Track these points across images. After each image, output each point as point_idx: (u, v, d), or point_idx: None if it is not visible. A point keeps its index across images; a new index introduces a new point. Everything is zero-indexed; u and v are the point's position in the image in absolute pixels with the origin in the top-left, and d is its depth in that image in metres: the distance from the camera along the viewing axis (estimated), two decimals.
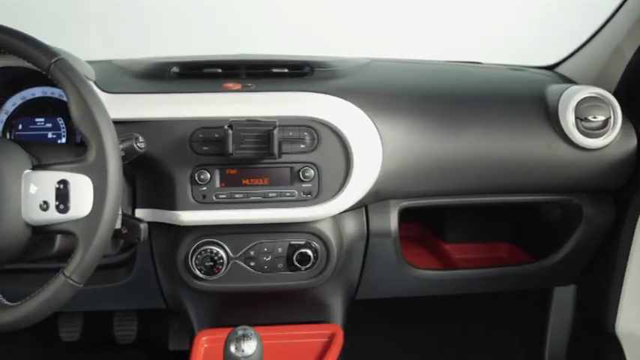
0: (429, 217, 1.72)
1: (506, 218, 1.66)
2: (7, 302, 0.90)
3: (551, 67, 1.60)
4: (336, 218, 1.26)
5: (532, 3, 2.55)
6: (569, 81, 1.47)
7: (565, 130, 1.28)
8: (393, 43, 2.38)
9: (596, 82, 1.39)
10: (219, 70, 1.30)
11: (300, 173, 1.17)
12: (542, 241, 1.55)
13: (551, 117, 1.30)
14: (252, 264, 1.22)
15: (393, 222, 1.32)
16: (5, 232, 0.89)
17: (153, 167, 1.16)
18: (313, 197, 1.18)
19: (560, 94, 1.31)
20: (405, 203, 1.33)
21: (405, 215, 1.35)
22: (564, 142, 1.29)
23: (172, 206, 1.16)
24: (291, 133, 1.16)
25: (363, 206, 1.30)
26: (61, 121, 1.29)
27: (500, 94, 1.36)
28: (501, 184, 1.32)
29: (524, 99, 1.34)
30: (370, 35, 2.42)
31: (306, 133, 1.16)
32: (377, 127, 1.22)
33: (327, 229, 1.23)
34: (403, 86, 1.34)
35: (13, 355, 1.79)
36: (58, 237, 1.04)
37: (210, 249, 1.19)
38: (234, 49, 1.57)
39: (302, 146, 1.16)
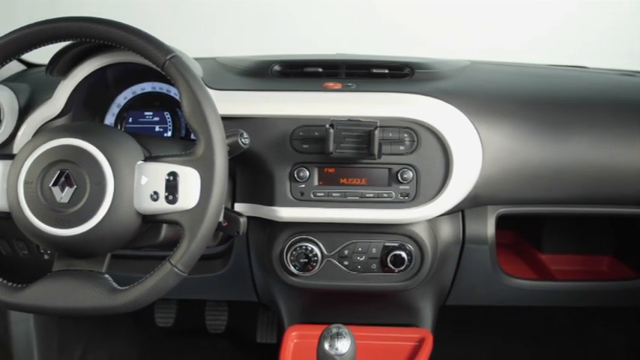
0: (525, 225, 1.67)
1: (608, 230, 1.58)
2: (117, 286, 0.95)
3: None
4: (432, 221, 1.25)
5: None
6: None
7: None
8: (490, 45, 2.32)
9: None
10: (320, 70, 1.31)
11: (399, 175, 1.16)
12: None
13: None
14: (346, 263, 1.23)
15: (490, 228, 1.29)
16: (119, 220, 0.93)
17: (253, 163, 1.19)
18: (410, 199, 1.17)
19: None
20: (503, 210, 1.30)
21: (500, 222, 1.32)
22: None
23: (271, 202, 1.18)
24: (390, 134, 1.15)
25: (459, 211, 1.28)
26: (167, 116, 1.34)
27: (609, 100, 1.30)
28: (607, 195, 1.26)
29: (636, 106, 1.28)
30: (466, 36, 2.37)
31: (406, 135, 1.16)
32: (478, 131, 1.20)
33: (422, 232, 1.22)
34: (506, 90, 1.31)
35: (113, 336, 1.89)
36: (164, 226, 1.08)
37: (305, 246, 1.21)
38: (330, 48, 1.58)
39: (401, 147, 1.16)
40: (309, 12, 2.45)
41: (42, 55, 1.11)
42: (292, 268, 1.21)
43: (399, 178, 1.16)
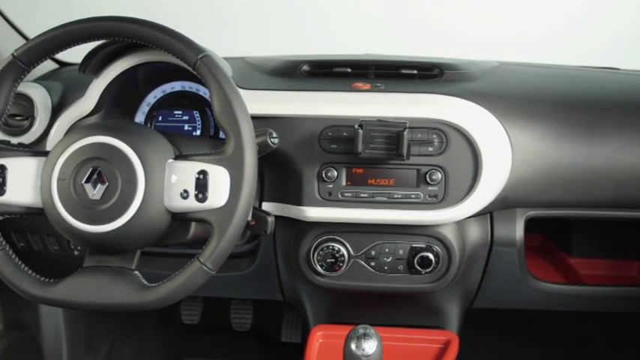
0: (553, 229, 1.65)
1: (639, 235, 1.56)
2: (146, 283, 0.96)
3: None
4: (460, 223, 1.24)
5: None
6: None
7: None
8: (520, 45, 2.30)
9: None
10: (349, 70, 1.31)
11: (427, 176, 1.16)
12: None
13: None
14: (373, 264, 1.22)
15: (519, 231, 1.28)
16: (149, 217, 0.94)
17: (281, 162, 1.19)
18: (439, 201, 1.16)
19: None
20: (533, 213, 1.28)
21: (528, 225, 1.30)
22: None
23: (298, 202, 1.18)
24: (419, 135, 1.15)
25: (488, 213, 1.27)
26: (196, 115, 1.35)
27: None
28: (639, 199, 1.24)
29: None
30: (496, 37, 2.35)
31: (434, 136, 1.15)
32: (508, 133, 1.19)
33: (449, 234, 1.21)
34: (536, 91, 1.29)
35: (139, 332, 1.91)
36: (193, 224, 1.09)
37: (332, 246, 1.21)
38: (357, 48, 1.58)
39: (430, 149, 1.15)
40: (336, 12, 2.45)
41: (74, 53, 1.13)
42: (319, 268, 1.21)
43: (428, 179, 1.16)
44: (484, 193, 1.16)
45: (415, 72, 1.30)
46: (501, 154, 1.18)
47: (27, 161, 0.99)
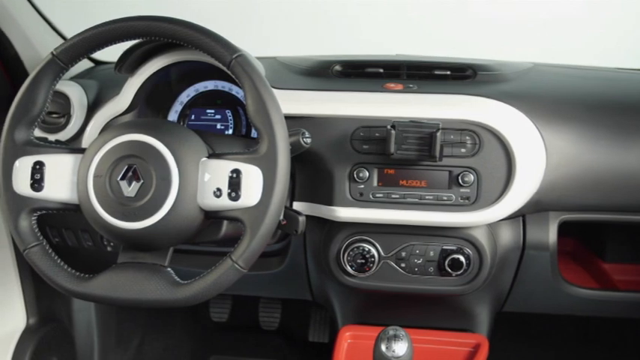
0: (586, 233, 1.63)
1: None
2: (179, 280, 0.97)
3: None
4: (492, 226, 1.23)
5: None
6: None
7: None
8: (553, 47, 2.27)
9: None
10: (381, 70, 1.31)
11: (459, 178, 1.15)
12: None
13: None
14: (403, 265, 1.22)
15: (552, 235, 1.26)
16: (182, 215, 0.95)
17: (313, 162, 1.19)
18: (471, 203, 1.15)
19: None
20: (566, 216, 1.26)
21: (561, 229, 1.28)
22: None
23: (330, 202, 1.18)
24: (452, 137, 1.14)
25: (520, 216, 1.26)
26: (229, 114, 1.36)
27: None
28: None
29: None
30: (528, 39, 2.33)
31: (467, 137, 1.14)
32: (542, 135, 1.17)
33: (481, 237, 1.20)
34: (571, 93, 1.28)
35: (169, 328, 1.93)
36: (225, 223, 1.10)
37: (362, 246, 1.21)
38: (389, 49, 1.57)
39: (463, 150, 1.14)
40: (368, 13, 2.45)
41: (109, 52, 1.14)
42: (349, 269, 1.21)
43: (460, 181, 1.15)
44: (517, 196, 1.15)
45: (448, 73, 1.30)
46: (535, 156, 1.16)
47: (64, 158, 1.01)
